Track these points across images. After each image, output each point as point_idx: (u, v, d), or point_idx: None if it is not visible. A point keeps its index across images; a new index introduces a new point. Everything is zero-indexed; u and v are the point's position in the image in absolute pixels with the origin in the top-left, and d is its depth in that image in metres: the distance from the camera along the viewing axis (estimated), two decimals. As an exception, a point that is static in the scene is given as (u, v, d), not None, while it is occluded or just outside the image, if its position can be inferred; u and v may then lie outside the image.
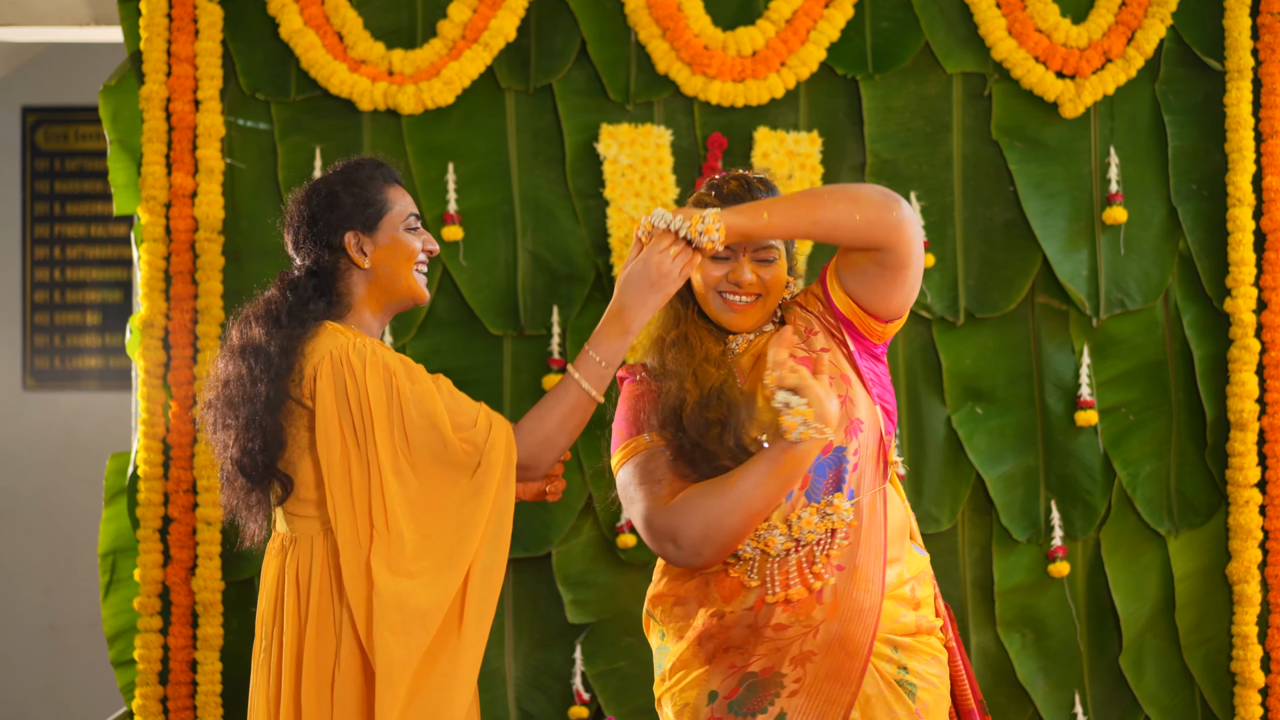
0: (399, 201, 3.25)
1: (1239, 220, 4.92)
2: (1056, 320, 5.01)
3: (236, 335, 3.20)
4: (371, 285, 3.23)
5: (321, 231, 3.21)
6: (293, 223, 3.26)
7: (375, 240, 3.21)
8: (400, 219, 3.23)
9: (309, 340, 3.13)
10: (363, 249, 3.20)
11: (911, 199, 4.98)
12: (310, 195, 3.25)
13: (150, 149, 4.92)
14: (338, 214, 3.21)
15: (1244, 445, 4.89)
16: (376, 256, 3.21)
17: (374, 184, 3.24)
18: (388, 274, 3.22)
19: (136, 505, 4.91)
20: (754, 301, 3.05)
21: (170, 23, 4.94)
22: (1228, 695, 4.96)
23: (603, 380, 3.09)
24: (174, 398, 4.88)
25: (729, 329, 3.08)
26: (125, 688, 4.98)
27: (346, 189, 3.23)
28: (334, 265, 3.22)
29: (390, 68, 4.96)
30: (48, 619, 7.31)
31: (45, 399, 7.35)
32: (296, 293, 3.21)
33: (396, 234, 3.22)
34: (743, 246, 3.01)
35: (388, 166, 3.29)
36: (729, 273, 3.02)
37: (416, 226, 3.26)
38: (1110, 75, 4.97)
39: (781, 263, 3.06)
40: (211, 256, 4.91)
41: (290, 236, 3.26)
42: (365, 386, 3.07)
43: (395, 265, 3.22)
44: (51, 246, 7.37)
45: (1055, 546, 4.95)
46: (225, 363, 3.19)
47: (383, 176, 3.27)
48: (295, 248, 3.25)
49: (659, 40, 4.96)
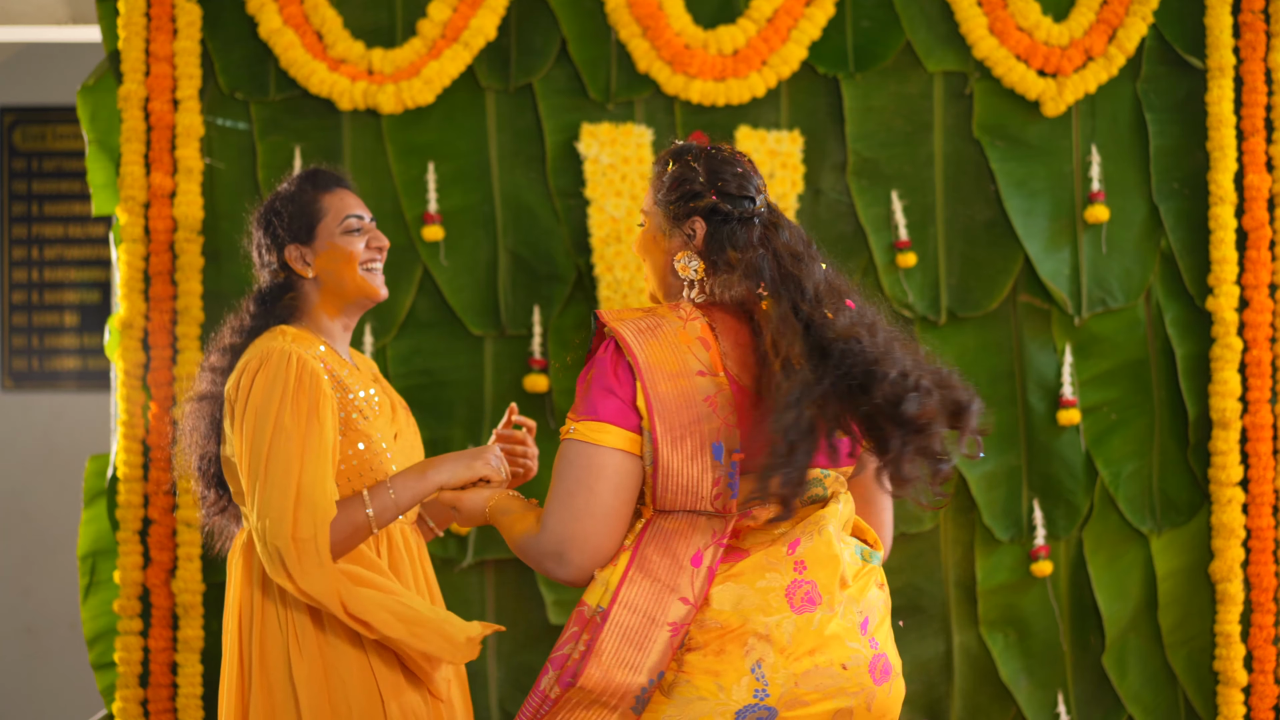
0: (333, 206, 3.36)
1: (1221, 218, 4.93)
2: (1038, 319, 5.01)
3: (210, 354, 3.38)
4: (323, 291, 3.36)
5: (268, 250, 3.38)
6: (251, 248, 3.45)
7: (314, 249, 3.34)
8: (335, 223, 3.34)
9: (255, 343, 3.27)
10: (305, 260, 3.35)
11: (893, 198, 4.97)
12: (256, 219, 3.43)
13: (129, 149, 4.89)
14: (276, 232, 3.36)
15: (1226, 444, 4.90)
16: (319, 264, 3.34)
17: (305, 195, 3.38)
18: (333, 279, 3.34)
19: (116, 507, 4.88)
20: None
21: (149, 22, 4.91)
22: (1210, 694, 4.97)
23: (386, 512, 3.19)
24: (153, 399, 4.85)
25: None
26: (105, 690, 4.95)
27: (283, 205, 3.38)
28: (286, 280, 3.38)
29: (370, 67, 4.94)
30: (24, 620, 7.28)
31: (23, 400, 7.32)
32: (249, 309, 3.39)
33: (333, 239, 3.34)
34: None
35: (325, 172, 3.43)
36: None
37: (358, 227, 3.36)
38: (1092, 74, 4.97)
39: (647, 231, 3.01)
40: (191, 257, 4.88)
41: (253, 259, 3.46)
42: (251, 385, 3.17)
43: (338, 269, 3.34)
44: (29, 247, 7.34)
45: (1038, 546, 4.95)
46: (200, 371, 3.40)
47: (314, 185, 3.39)
48: (256, 268, 3.44)
49: (639, 39, 4.94)
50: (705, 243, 2.93)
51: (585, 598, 2.76)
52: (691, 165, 2.99)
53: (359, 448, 3.24)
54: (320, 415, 3.13)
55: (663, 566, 2.76)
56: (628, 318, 2.83)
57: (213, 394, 3.30)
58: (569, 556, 2.76)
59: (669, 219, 2.97)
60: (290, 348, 3.19)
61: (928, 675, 4.99)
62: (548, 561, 2.78)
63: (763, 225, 2.95)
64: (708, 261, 2.92)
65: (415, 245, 4.91)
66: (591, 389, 2.79)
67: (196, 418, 3.33)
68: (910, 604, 4.98)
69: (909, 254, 4.94)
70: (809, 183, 4.99)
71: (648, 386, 2.75)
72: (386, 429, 3.33)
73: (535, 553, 2.79)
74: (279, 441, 3.09)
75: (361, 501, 3.14)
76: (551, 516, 2.76)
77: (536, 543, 2.79)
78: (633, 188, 4.91)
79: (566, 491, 2.76)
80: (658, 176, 3.02)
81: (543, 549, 2.77)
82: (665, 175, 3.00)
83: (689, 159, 3.00)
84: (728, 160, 3.00)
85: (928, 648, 4.99)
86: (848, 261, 4.97)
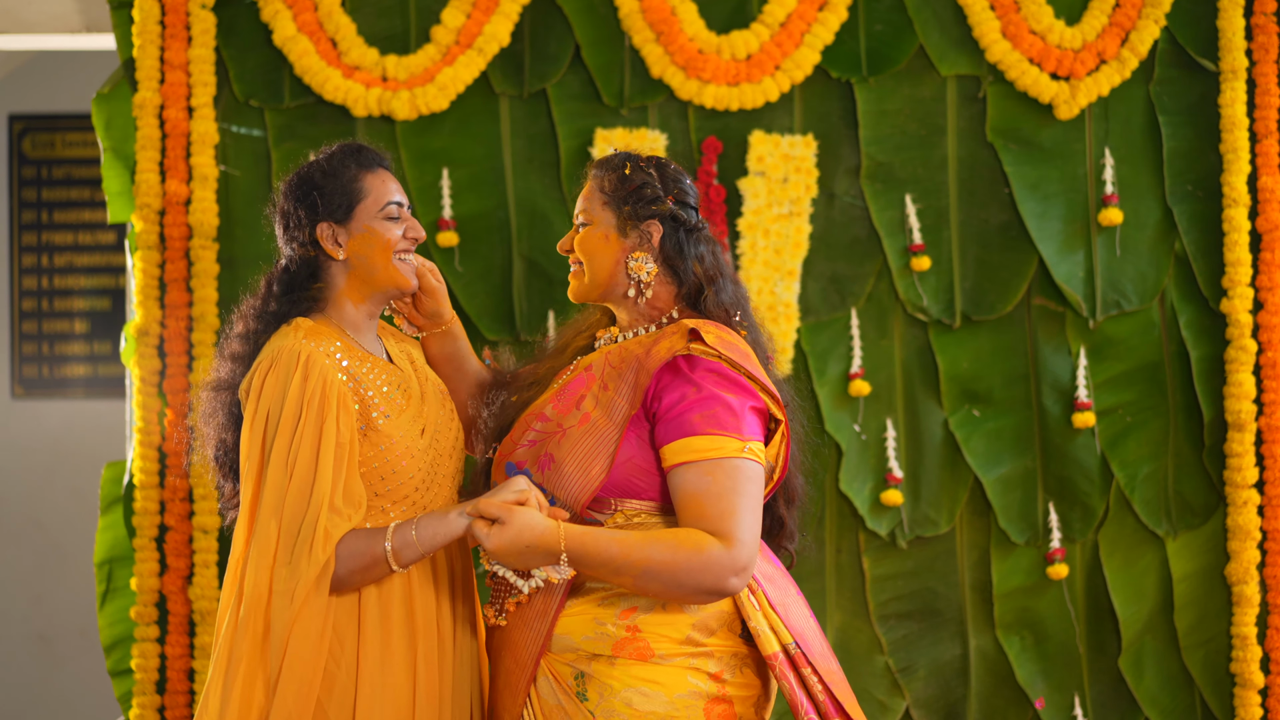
0: (376, 188, 3.14)
1: (1234, 221, 4.93)
2: (1053, 322, 5.01)
3: (230, 330, 3.18)
4: (351, 276, 3.14)
5: (296, 225, 3.14)
6: (276, 216, 3.20)
7: (349, 230, 3.12)
8: (376, 207, 3.13)
9: (271, 339, 3.09)
10: (337, 240, 3.12)
11: (907, 201, 4.98)
12: (287, 188, 3.17)
13: (144, 156, 4.90)
14: (311, 206, 3.13)
15: (1241, 446, 4.90)
16: (351, 247, 3.12)
17: (347, 172, 3.14)
18: (364, 264, 3.13)
19: (132, 514, 4.88)
20: (576, 266, 3.16)
21: (163, 30, 4.92)
22: (1227, 696, 4.96)
23: (406, 550, 2.94)
24: (169, 405, 4.85)
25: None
26: (123, 697, 4.96)
27: (321, 179, 3.14)
28: (312, 259, 3.15)
29: (384, 74, 4.95)
30: (36, 628, 7.28)
31: (34, 407, 7.32)
32: (271, 289, 3.16)
33: (372, 222, 3.12)
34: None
35: (369, 151, 3.19)
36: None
37: (398, 215, 3.15)
38: (1105, 77, 4.97)
39: (595, 230, 3.11)
40: (206, 264, 4.88)
41: (276, 230, 3.20)
42: (259, 388, 3.01)
43: (371, 255, 3.12)
44: (39, 254, 7.34)
45: (1053, 549, 4.95)
46: (217, 357, 3.18)
47: (358, 163, 3.16)
48: (280, 241, 3.19)
49: (653, 44, 4.95)
50: (662, 246, 3.08)
51: (763, 649, 2.92)
52: (647, 171, 3.11)
53: (379, 449, 3.05)
54: (323, 426, 2.96)
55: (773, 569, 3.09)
56: (725, 334, 3.00)
57: (230, 382, 3.10)
58: (751, 569, 2.84)
59: (624, 220, 3.09)
60: (301, 346, 3.01)
61: (944, 678, 4.99)
62: (734, 577, 2.82)
63: (707, 240, 3.13)
64: (663, 265, 3.09)
65: (430, 251, 4.92)
66: (746, 412, 2.92)
67: (214, 406, 3.13)
68: (926, 607, 4.98)
69: (923, 257, 4.95)
70: (823, 187, 4.99)
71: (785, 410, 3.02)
72: (410, 426, 3.11)
73: (721, 569, 2.81)
74: (276, 453, 2.95)
75: (383, 534, 2.94)
76: (748, 532, 2.82)
77: (729, 557, 2.81)
78: (647, 193, 4.91)
79: (749, 508, 2.84)
80: (609, 179, 3.12)
81: (738, 563, 2.81)
82: (619, 178, 3.11)
83: (641, 165, 3.13)
84: (679, 172, 3.15)
85: (944, 651, 4.99)
86: (862, 266, 4.98)
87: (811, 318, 4.97)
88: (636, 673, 2.89)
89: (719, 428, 2.86)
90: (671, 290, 3.11)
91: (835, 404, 4.97)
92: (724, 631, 2.95)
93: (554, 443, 2.98)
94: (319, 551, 2.89)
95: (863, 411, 4.98)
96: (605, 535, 2.84)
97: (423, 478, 3.11)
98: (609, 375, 3.01)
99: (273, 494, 2.94)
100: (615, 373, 3.00)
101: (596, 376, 3.03)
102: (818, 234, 4.99)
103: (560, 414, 3.01)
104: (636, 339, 3.08)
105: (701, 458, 2.85)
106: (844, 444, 4.96)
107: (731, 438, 2.86)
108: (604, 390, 2.99)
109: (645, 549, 2.80)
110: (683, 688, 2.90)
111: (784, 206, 4.94)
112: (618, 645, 2.91)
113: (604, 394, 2.99)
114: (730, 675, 2.94)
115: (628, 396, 2.95)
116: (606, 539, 2.82)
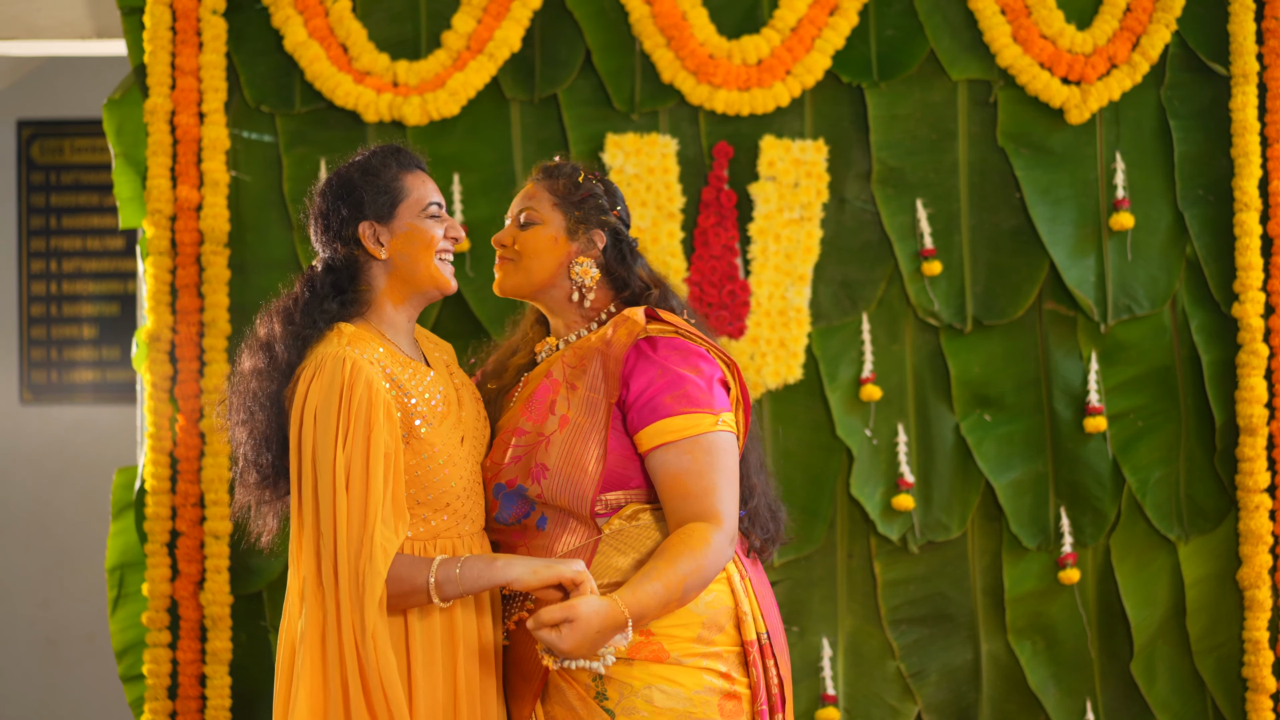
0: (417, 188, 3.16)
1: (1246, 225, 4.93)
2: (1064, 326, 5.01)
3: (260, 328, 3.14)
4: (392, 276, 3.14)
5: (337, 224, 3.13)
6: (312, 217, 3.18)
7: (392, 229, 3.12)
8: (419, 206, 3.14)
9: (314, 344, 3.07)
10: (379, 239, 3.12)
11: (918, 206, 4.98)
12: (326, 188, 3.17)
13: (155, 162, 4.89)
14: (352, 205, 3.13)
15: (1253, 450, 4.89)
16: (394, 246, 3.12)
17: (388, 171, 3.15)
18: (407, 263, 3.12)
19: (144, 519, 4.88)
20: (508, 262, 3.24)
21: (174, 35, 4.92)
22: (1240, 701, 4.96)
23: (448, 585, 2.94)
24: (181, 411, 4.86)
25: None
26: (134, 703, 4.95)
27: (361, 178, 3.14)
28: (352, 258, 3.14)
29: (395, 79, 4.95)
30: (44, 632, 7.28)
31: (42, 412, 7.32)
32: (313, 289, 3.13)
33: (415, 221, 3.13)
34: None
35: (407, 152, 3.20)
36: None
37: (439, 214, 3.15)
38: (1116, 81, 4.97)
39: (545, 230, 3.21)
40: (217, 269, 4.88)
41: (311, 231, 3.18)
42: (304, 395, 3.00)
43: (414, 254, 3.12)
44: (48, 260, 7.34)
45: (1065, 553, 4.95)
46: (245, 355, 3.13)
47: (399, 163, 3.17)
48: (316, 242, 3.18)
49: (664, 49, 4.95)
50: (605, 254, 3.23)
51: (743, 636, 3.05)
52: (595, 181, 3.27)
53: (421, 457, 3.03)
54: (371, 435, 2.94)
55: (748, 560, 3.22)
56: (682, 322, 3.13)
57: (256, 370, 3.06)
58: (736, 535, 3.03)
59: (575, 224, 3.22)
60: (346, 353, 2.99)
61: (956, 683, 4.99)
62: (729, 548, 2.99)
63: (642, 258, 3.30)
64: (605, 271, 3.23)
65: (441, 256, 4.92)
66: (714, 385, 3.05)
67: (242, 394, 3.08)
68: (938, 612, 4.98)
69: (934, 262, 4.94)
70: (834, 191, 4.99)
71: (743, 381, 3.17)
72: (451, 434, 3.09)
73: (723, 550, 2.98)
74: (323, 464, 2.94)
75: (427, 566, 2.93)
76: (729, 504, 2.99)
77: (725, 536, 2.97)
78: (658, 198, 4.91)
79: (729, 481, 3.00)
80: (561, 183, 3.24)
81: (730, 536, 2.98)
82: (572, 184, 3.24)
83: (589, 175, 3.27)
84: (617, 187, 3.34)
85: (956, 656, 4.99)
86: (873, 270, 4.98)
87: (822, 322, 4.97)
88: (655, 671, 2.98)
89: (692, 405, 3.00)
90: (609, 295, 3.25)
91: (846, 409, 4.97)
92: (730, 628, 3.05)
93: (541, 451, 3.05)
94: (379, 565, 2.90)
95: (874, 416, 4.98)
96: (643, 580, 2.89)
97: (464, 486, 3.10)
98: (572, 374, 3.09)
99: (326, 507, 2.94)
100: (578, 370, 3.09)
101: (560, 380, 3.10)
102: (829, 239, 4.99)
103: (538, 424, 3.07)
104: (584, 338, 3.18)
105: (679, 437, 2.99)
106: (855, 449, 4.95)
107: (704, 413, 3.00)
108: (572, 390, 3.08)
109: (675, 567, 2.89)
110: (699, 685, 3.00)
111: (795, 211, 4.94)
112: (633, 649, 2.98)
113: (573, 394, 3.07)
114: (737, 674, 3.05)
115: (602, 388, 3.05)
116: (646, 582, 2.88)
